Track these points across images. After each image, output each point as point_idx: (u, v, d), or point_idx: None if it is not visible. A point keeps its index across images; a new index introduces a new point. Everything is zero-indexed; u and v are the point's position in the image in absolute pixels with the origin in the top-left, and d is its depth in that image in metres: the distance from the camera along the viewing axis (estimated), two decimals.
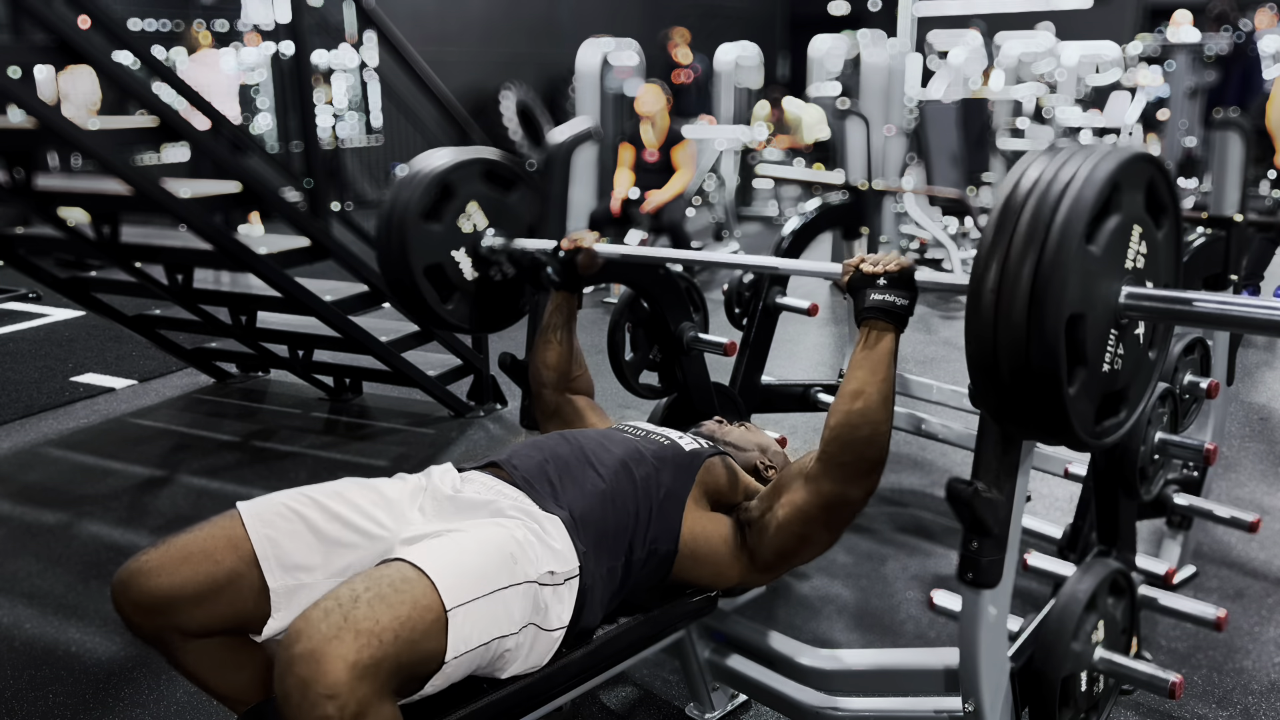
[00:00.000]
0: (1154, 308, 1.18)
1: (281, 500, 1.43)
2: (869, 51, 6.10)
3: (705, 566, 1.63)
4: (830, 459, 1.50)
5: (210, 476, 3.27)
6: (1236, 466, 3.20)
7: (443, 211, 2.02)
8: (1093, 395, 1.17)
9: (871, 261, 1.48)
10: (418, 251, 1.99)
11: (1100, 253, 1.13)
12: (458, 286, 2.07)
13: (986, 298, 1.12)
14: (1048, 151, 1.18)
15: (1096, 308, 1.14)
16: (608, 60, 6.16)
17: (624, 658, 1.67)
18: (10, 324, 5.18)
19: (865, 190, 2.92)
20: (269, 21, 8.89)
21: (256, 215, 6.03)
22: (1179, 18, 8.26)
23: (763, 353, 2.69)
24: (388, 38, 3.64)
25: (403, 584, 1.20)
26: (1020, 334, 1.09)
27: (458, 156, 2.05)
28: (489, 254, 2.08)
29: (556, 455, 1.60)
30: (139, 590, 1.34)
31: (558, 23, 11.95)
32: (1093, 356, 1.15)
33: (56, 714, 2.04)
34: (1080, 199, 1.09)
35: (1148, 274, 1.21)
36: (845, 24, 14.46)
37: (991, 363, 1.13)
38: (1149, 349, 1.27)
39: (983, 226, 3.69)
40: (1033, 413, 1.15)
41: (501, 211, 2.10)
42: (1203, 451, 1.88)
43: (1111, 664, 1.50)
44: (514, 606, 1.32)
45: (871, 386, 1.45)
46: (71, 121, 2.66)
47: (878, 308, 1.46)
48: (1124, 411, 1.25)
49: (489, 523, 1.41)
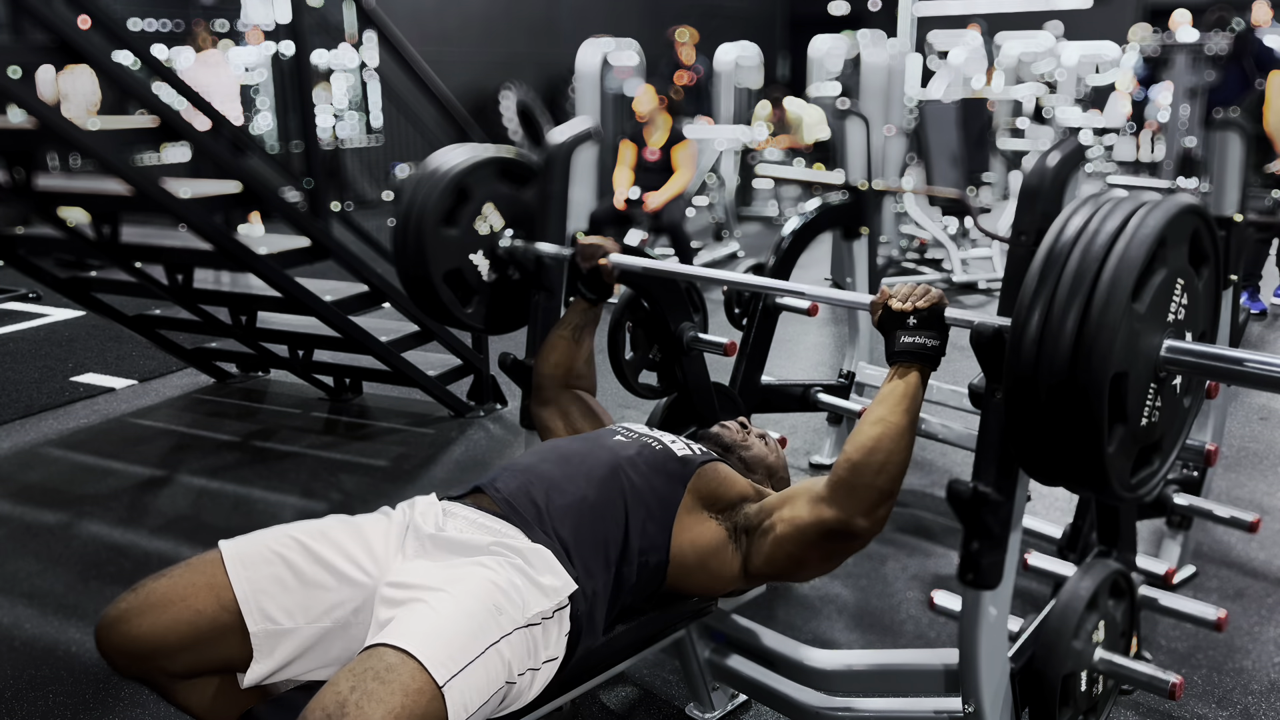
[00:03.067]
0: (1197, 364, 1.15)
1: (264, 541, 1.41)
2: (869, 51, 6.11)
3: (698, 576, 1.60)
4: (840, 483, 1.45)
5: (210, 476, 3.27)
6: (1236, 466, 3.20)
7: (459, 215, 2.01)
8: (1130, 451, 1.15)
9: (900, 297, 1.45)
10: (436, 258, 1.99)
11: (1145, 310, 1.11)
12: (476, 289, 2.07)
13: (1028, 348, 1.09)
14: (1092, 199, 1.16)
15: (1139, 364, 1.12)
16: (608, 60, 6.17)
17: (624, 658, 1.67)
18: (10, 324, 5.18)
19: (865, 190, 2.92)
20: (269, 21, 8.89)
21: (256, 215, 6.03)
22: (1178, 18, 8.27)
23: (763, 353, 2.69)
24: (388, 38, 3.64)
25: (388, 673, 1.15)
26: (1063, 391, 1.07)
27: (474, 157, 2.03)
28: (506, 255, 2.08)
29: (541, 475, 1.56)
30: (121, 637, 1.33)
31: (558, 23, 11.95)
32: (1133, 412, 1.12)
33: (56, 714, 2.04)
34: (1128, 257, 1.07)
35: (1188, 325, 1.19)
36: (845, 24, 14.46)
37: (1031, 413, 1.11)
38: (1184, 397, 1.25)
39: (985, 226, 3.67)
40: (1070, 467, 1.13)
41: (518, 210, 2.10)
42: (1203, 452, 1.88)
43: (1111, 664, 1.50)
44: (508, 656, 1.29)
45: (893, 417, 1.42)
46: (71, 121, 2.66)
47: (909, 351, 1.44)
48: (1158, 462, 1.22)
49: (471, 570, 1.35)
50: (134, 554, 2.73)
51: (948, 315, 1.42)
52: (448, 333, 3.72)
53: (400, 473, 3.29)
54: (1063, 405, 1.07)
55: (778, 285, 1.83)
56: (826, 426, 3.26)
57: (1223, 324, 2.32)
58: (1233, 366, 1.13)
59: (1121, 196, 1.16)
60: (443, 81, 3.81)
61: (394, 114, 9.25)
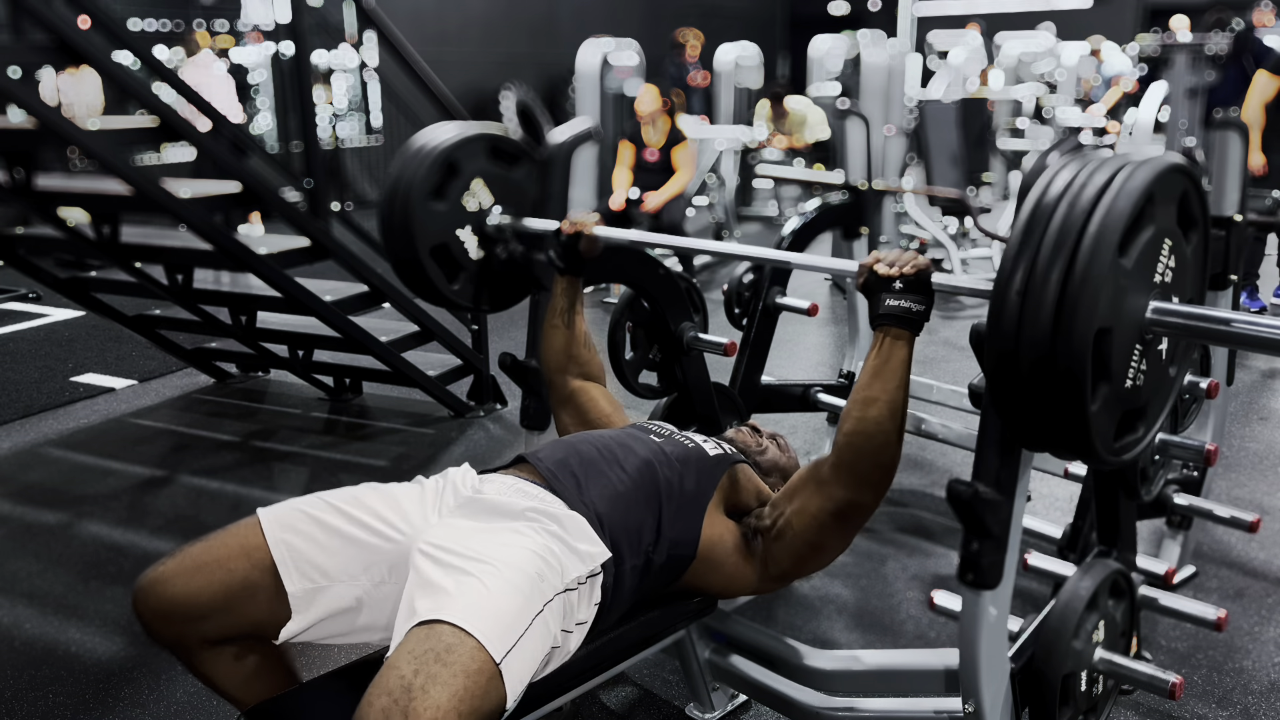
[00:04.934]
0: (1184, 324, 1.13)
1: (299, 506, 1.44)
2: (869, 51, 6.10)
3: (718, 573, 1.62)
4: (843, 465, 1.47)
5: (210, 476, 3.27)
6: (1236, 466, 3.20)
7: (447, 189, 1.98)
8: (1114, 412, 1.14)
9: (888, 262, 1.44)
10: (423, 231, 1.96)
11: (1131, 266, 1.09)
12: (463, 266, 2.04)
13: (1011, 302, 1.07)
14: (1078, 157, 1.14)
15: (1124, 322, 1.10)
16: (608, 60, 6.16)
17: (624, 658, 1.67)
18: (10, 324, 5.18)
19: (865, 190, 2.92)
20: (269, 21, 8.88)
21: (257, 215, 6.03)
22: (1176, 22, 8.27)
23: (763, 353, 2.69)
24: (388, 38, 3.64)
25: (448, 653, 1.16)
26: (1046, 343, 1.05)
27: (462, 132, 2.01)
28: (495, 233, 2.05)
29: (580, 453, 1.59)
30: (158, 599, 1.36)
31: (558, 23, 11.94)
32: (1117, 372, 1.11)
33: (56, 714, 2.04)
34: (1115, 209, 1.05)
35: (1174, 288, 1.18)
36: (845, 24, 14.45)
37: (1013, 371, 1.09)
38: (1170, 364, 1.23)
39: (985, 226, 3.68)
40: (1053, 427, 1.11)
41: (507, 188, 2.07)
42: (1203, 452, 1.88)
43: (1111, 664, 1.50)
44: (551, 622, 1.32)
45: (884, 394, 1.42)
46: (71, 121, 2.66)
47: (893, 314, 1.42)
48: (1142, 429, 1.21)
49: (510, 537, 1.38)
50: (134, 554, 2.73)
51: (935, 280, 1.42)
52: (447, 333, 3.72)
53: (400, 473, 3.29)
54: (1046, 361, 1.05)
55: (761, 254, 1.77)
56: (826, 426, 3.26)
57: None
58: (1220, 327, 1.12)
59: (1107, 155, 1.14)
60: (443, 81, 3.81)
61: (394, 114, 9.24)
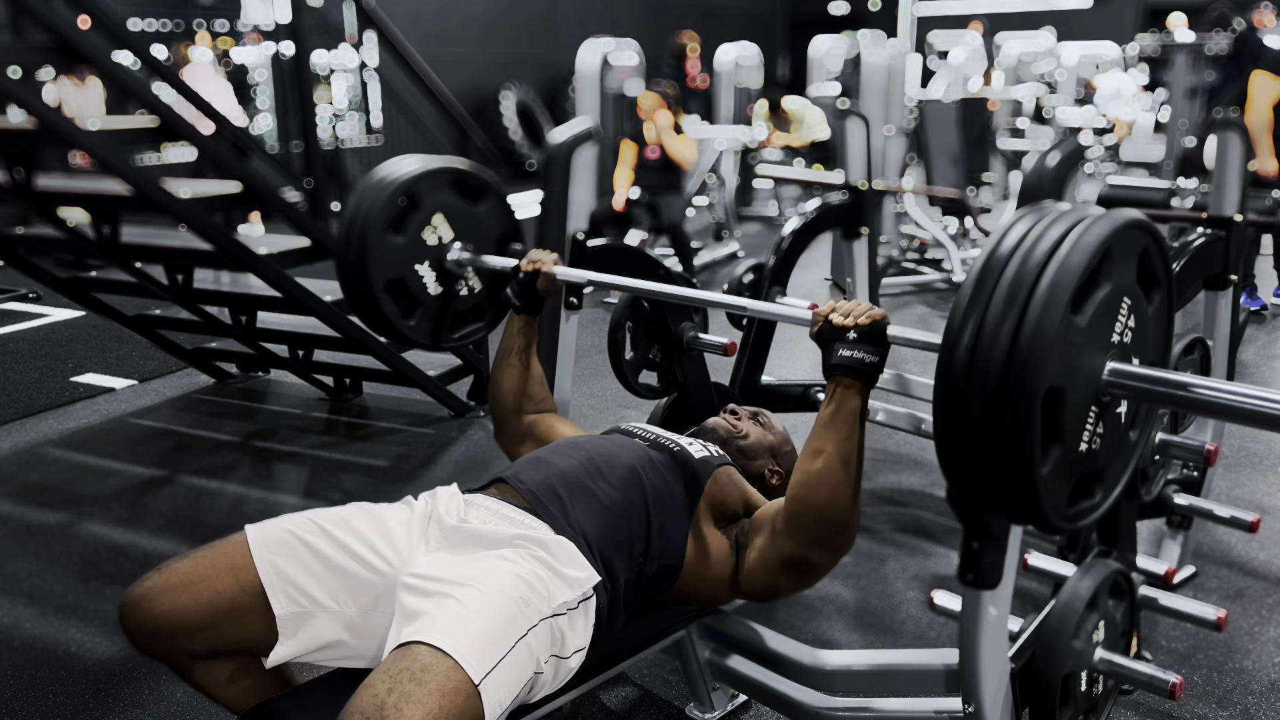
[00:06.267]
0: (1141, 388, 1.08)
1: (288, 526, 1.43)
2: (869, 51, 6.11)
3: (704, 583, 1.61)
4: (792, 519, 1.44)
5: (210, 476, 3.27)
6: (1236, 466, 3.20)
7: (407, 223, 1.93)
8: (1067, 476, 1.09)
9: (843, 312, 1.41)
10: (379, 264, 1.91)
11: (1086, 324, 1.05)
12: (420, 301, 1.99)
13: (960, 358, 1.03)
14: (1035, 210, 1.10)
15: (1078, 382, 1.05)
16: (608, 60, 6.17)
17: (624, 658, 1.67)
18: (10, 324, 5.18)
19: (865, 190, 2.92)
20: (269, 21, 8.88)
21: (257, 215, 6.03)
22: (1174, 20, 8.28)
23: (763, 353, 2.69)
24: (388, 38, 3.64)
25: (423, 673, 1.14)
26: (994, 401, 1.00)
27: (424, 165, 1.97)
28: (454, 268, 2.01)
29: (562, 471, 1.56)
30: (144, 615, 1.34)
31: (558, 23, 11.95)
32: (1070, 434, 1.06)
33: (56, 714, 2.04)
34: (1069, 263, 1.01)
35: (1134, 350, 1.13)
36: (845, 24, 14.46)
37: (960, 430, 1.04)
38: (1130, 429, 1.18)
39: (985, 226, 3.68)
40: (1000, 490, 1.06)
41: (468, 224, 2.02)
42: (1203, 452, 1.88)
43: (1112, 664, 1.50)
44: (534, 647, 1.30)
45: (833, 445, 1.38)
46: (71, 121, 2.66)
47: (845, 364, 1.38)
48: (1099, 494, 1.16)
49: (495, 564, 1.36)
50: (134, 554, 2.73)
51: (891, 333, 1.38)
52: None
53: (400, 473, 3.29)
54: (994, 419, 1.01)
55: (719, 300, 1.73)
56: None
57: (1223, 324, 2.32)
58: (1178, 392, 1.07)
59: (1066, 208, 1.10)
60: (443, 81, 3.81)
61: (394, 114, 9.25)
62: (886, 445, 3.38)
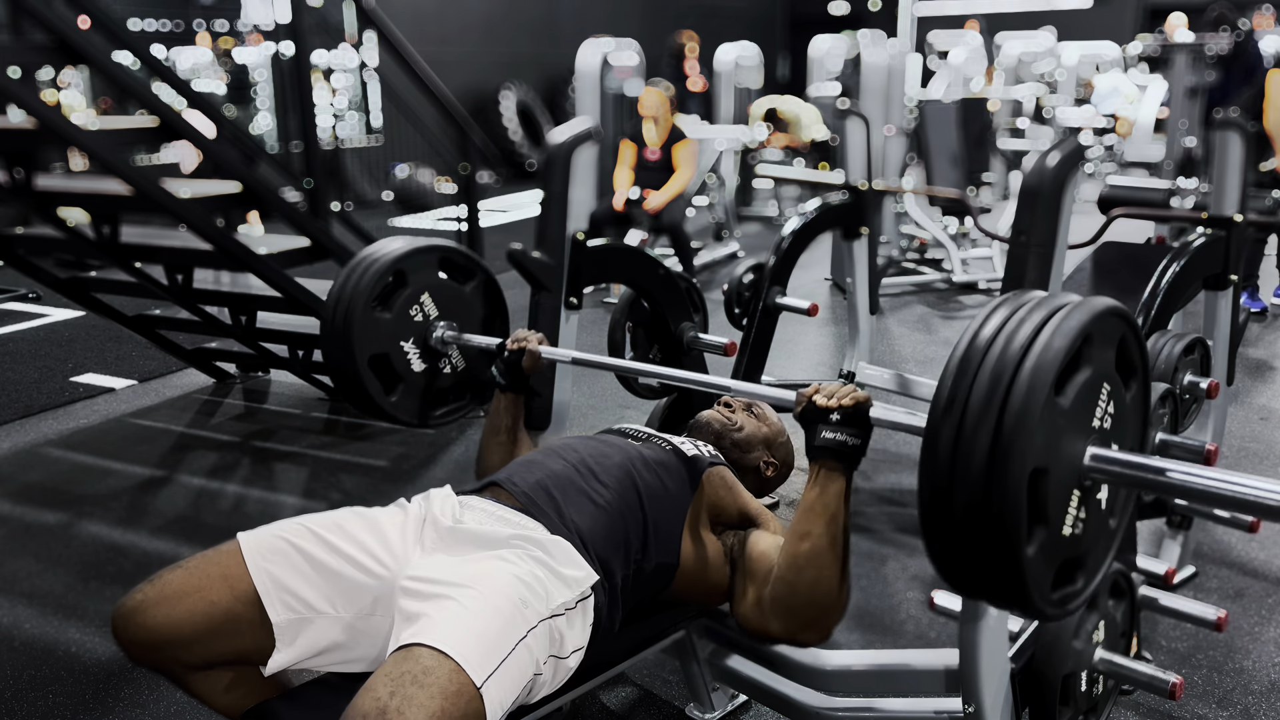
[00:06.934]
0: (1122, 473, 1.10)
1: (280, 533, 1.42)
2: (869, 51, 6.10)
3: (701, 585, 1.61)
4: (779, 601, 1.44)
5: (210, 476, 3.27)
6: (1236, 466, 3.20)
7: (393, 300, 1.94)
8: (1051, 560, 1.09)
9: (826, 394, 1.39)
10: (363, 340, 1.91)
11: (1069, 406, 1.06)
12: (403, 377, 1.99)
13: (944, 443, 1.04)
14: (1012, 298, 1.12)
15: (1061, 464, 1.06)
16: (608, 60, 6.16)
17: (624, 658, 1.67)
18: (10, 324, 5.18)
19: (865, 190, 2.92)
20: (269, 21, 8.88)
21: (256, 215, 6.03)
22: (1174, 20, 8.27)
23: (763, 353, 2.69)
24: (388, 38, 3.64)
25: (425, 675, 1.14)
26: (980, 481, 1.01)
27: (413, 244, 1.99)
28: (439, 345, 2.01)
29: (554, 472, 1.56)
30: (136, 628, 1.33)
31: (558, 23, 11.95)
32: (1054, 516, 1.07)
33: (56, 714, 2.04)
34: (1052, 348, 1.03)
35: (1114, 436, 1.15)
36: (845, 24, 14.46)
37: (946, 511, 1.05)
38: (1110, 516, 1.19)
39: (985, 227, 3.68)
40: (987, 573, 1.06)
41: (454, 302, 2.04)
42: (1203, 452, 1.88)
43: (1111, 664, 1.50)
44: (535, 649, 1.30)
45: (820, 528, 1.38)
46: (71, 121, 2.66)
47: (828, 447, 1.37)
48: (1081, 581, 1.16)
49: (493, 564, 1.36)
50: (134, 554, 2.73)
51: (874, 415, 1.36)
52: None
53: (400, 473, 3.29)
54: (979, 500, 1.01)
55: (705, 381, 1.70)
56: None
57: (1223, 324, 2.32)
58: (1155, 477, 1.08)
59: (1042, 296, 1.12)
60: (443, 81, 3.81)
61: (394, 114, 9.25)
62: (887, 445, 3.38)
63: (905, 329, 4.95)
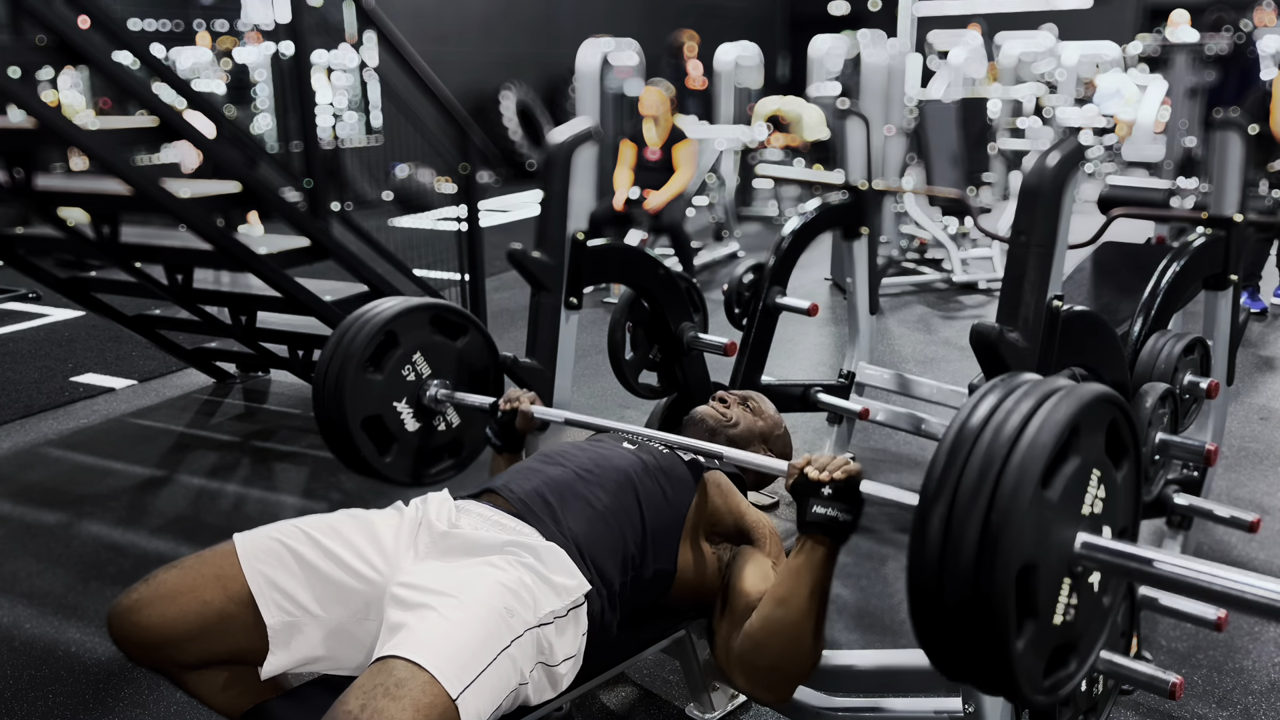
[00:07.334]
0: (1111, 562, 1.08)
1: (275, 535, 1.41)
2: (869, 51, 6.10)
3: (697, 594, 1.61)
4: (744, 656, 1.43)
5: (210, 476, 3.27)
6: (1236, 466, 3.20)
7: (385, 361, 1.93)
8: (1042, 650, 1.08)
9: (818, 466, 1.36)
10: (356, 402, 1.88)
11: (1057, 499, 1.05)
12: (397, 438, 1.97)
13: (933, 536, 1.03)
14: (1003, 383, 1.11)
15: (1050, 556, 1.06)
16: (608, 60, 6.16)
17: (624, 658, 1.67)
18: (10, 324, 5.18)
19: (865, 190, 2.92)
20: (269, 21, 8.88)
21: (256, 215, 6.03)
22: (1176, 18, 8.27)
23: (763, 353, 2.69)
24: (388, 38, 3.64)
25: (398, 688, 1.13)
26: (968, 581, 1.00)
27: (405, 303, 1.98)
28: (432, 404, 1.99)
29: (551, 478, 1.55)
30: (131, 627, 1.34)
31: (558, 23, 11.95)
32: (1044, 608, 1.06)
33: (56, 714, 2.04)
34: (1038, 442, 1.02)
35: (1105, 519, 1.14)
36: (845, 24, 14.45)
37: (935, 606, 1.05)
38: (1104, 594, 1.17)
39: (985, 227, 3.67)
40: (977, 665, 1.06)
41: (447, 360, 2.02)
42: (1203, 452, 1.88)
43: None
44: (518, 658, 1.28)
45: (798, 596, 1.36)
46: (71, 121, 2.66)
47: (818, 522, 1.35)
48: (1074, 664, 1.15)
49: (481, 571, 1.34)
50: (134, 554, 2.73)
51: (865, 489, 1.34)
52: None
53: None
54: (968, 595, 1.01)
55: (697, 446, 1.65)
56: (826, 426, 3.26)
57: (1223, 324, 2.32)
58: (1142, 567, 1.06)
59: (1034, 380, 1.11)
60: (443, 81, 3.80)
61: (394, 114, 9.25)
62: (887, 445, 3.38)
63: (905, 329, 4.95)
